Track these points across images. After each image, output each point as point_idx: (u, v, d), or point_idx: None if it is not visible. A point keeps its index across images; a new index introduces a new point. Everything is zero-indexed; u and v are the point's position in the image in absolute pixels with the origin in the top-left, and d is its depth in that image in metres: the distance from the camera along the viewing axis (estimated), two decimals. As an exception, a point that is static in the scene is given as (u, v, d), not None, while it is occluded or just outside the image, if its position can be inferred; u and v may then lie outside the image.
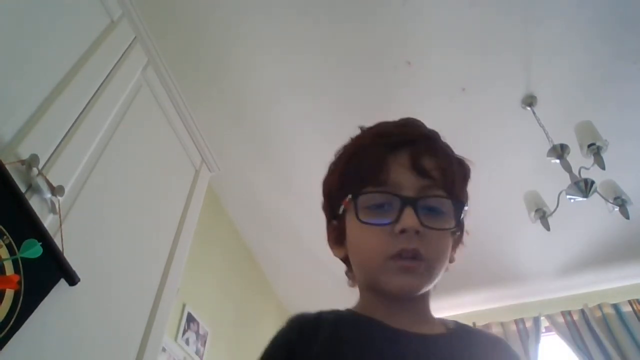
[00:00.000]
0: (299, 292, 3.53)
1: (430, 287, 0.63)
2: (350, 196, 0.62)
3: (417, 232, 0.57)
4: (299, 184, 2.79)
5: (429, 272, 0.60)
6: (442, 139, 0.70)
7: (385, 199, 0.60)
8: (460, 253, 0.72)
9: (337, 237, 0.68)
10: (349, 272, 0.69)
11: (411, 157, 0.62)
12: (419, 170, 0.61)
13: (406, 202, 0.58)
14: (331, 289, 3.65)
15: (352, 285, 0.69)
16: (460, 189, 0.68)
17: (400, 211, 0.58)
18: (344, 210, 0.64)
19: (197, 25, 2.10)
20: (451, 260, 0.68)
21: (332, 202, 0.68)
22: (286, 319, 0.66)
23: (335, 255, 0.70)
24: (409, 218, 0.57)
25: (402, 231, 0.57)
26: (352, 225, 0.63)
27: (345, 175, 0.66)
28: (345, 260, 0.69)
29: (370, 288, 0.64)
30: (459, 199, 0.65)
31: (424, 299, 0.66)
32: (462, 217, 0.65)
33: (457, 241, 0.70)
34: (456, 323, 0.68)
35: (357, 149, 0.68)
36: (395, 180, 0.61)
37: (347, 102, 2.40)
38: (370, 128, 0.71)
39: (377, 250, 0.59)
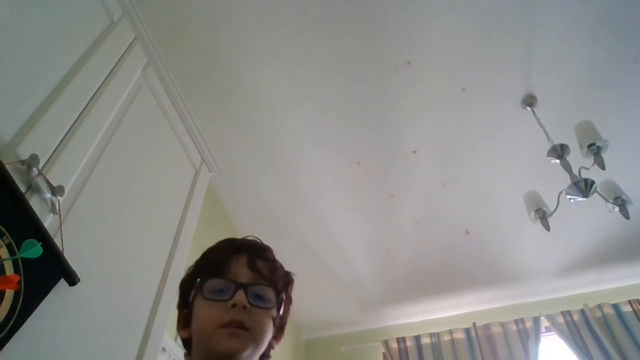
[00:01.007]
0: (299, 292, 3.52)
1: (254, 354, 0.76)
2: (199, 280, 0.79)
3: (244, 306, 0.74)
4: (300, 184, 2.79)
5: (252, 339, 0.74)
6: (271, 250, 0.89)
7: (225, 285, 0.77)
8: (278, 344, 0.87)
9: (184, 322, 0.83)
10: (187, 355, 0.82)
11: (249, 257, 0.82)
12: (252, 267, 0.81)
13: (239, 285, 0.76)
14: (332, 289, 3.66)
15: (187, 355, 0.83)
16: (282, 286, 0.85)
17: (234, 292, 0.75)
18: (194, 296, 0.80)
19: (197, 25, 2.10)
20: (271, 346, 0.84)
21: (185, 292, 0.84)
22: None
23: (181, 336, 0.84)
24: (239, 296, 0.74)
25: (234, 305, 0.74)
26: (198, 305, 0.78)
27: (199, 268, 0.85)
28: (187, 342, 0.82)
29: (204, 356, 0.76)
30: (280, 291, 0.82)
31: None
32: (281, 304, 0.81)
33: (278, 333, 0.86)
34: None
35: (211, 251, 0.89)
36: (234, 272, 0.79)
37: (347, 101, 2.40)
38: (223, 240, 0.91)
39: (213, 319, 0.74)
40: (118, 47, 1.41)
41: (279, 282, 0.84)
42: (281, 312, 0.83)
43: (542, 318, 3.27)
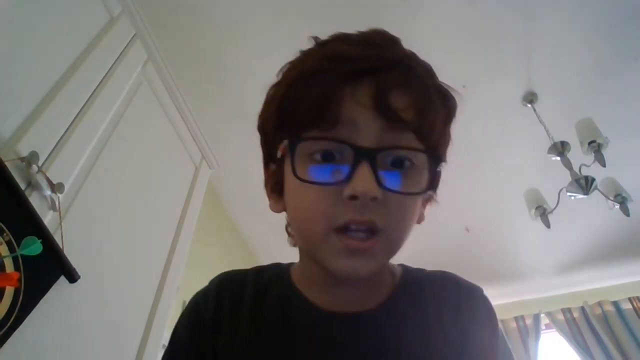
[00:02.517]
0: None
1: (389, 260, 0.53)
2: (286, 142, 0.47)
3: (374, 198, 0.43)
4: (299, 181, 2.79)
5: (387, 251, 0.48)
6: (423, 63, 0.54)
7: (335, 147, 0.45)
8: (430, 209, 0.59)
9: (274, 185, 0.54)
10: (289, 226, 0.56)
11: (376, 91, 0.45)
12: (384, 110, 0.45)
13: (361, 154, 0.43)
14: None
15: (293, 245, 0.57)
16: (440, 135, 0.51)
17: (353, 167, 0.43)
18: (283, 157, 0.49)
19: (197, 21, 2.09)
20: (420, 220, 0.55)
21: (269, 142, 0.53)
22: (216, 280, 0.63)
23: (272, 209, 0.55)
24: (363, 179, 0.43)
25: (353, 197, 0.43)
26: (290, 177, 0.47)
27: (284, 110, 0.50)
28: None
29: (311, 258, 0.52)
30: (437, 151, 0.50)
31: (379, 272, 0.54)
32: (438, 175, 0.52)
33: (430, 198, 0.58)
34: (403, 278, 0.59)
35: (302, 75, 0.50)
36: (350, 122, 0.45)
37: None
38: (324, 44, 0.53)
39: (319, 218, 0.46)
40: (118, 44, 1.40)
41: (435, 128, 0.49)
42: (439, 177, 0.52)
43: (542, 315, 3.27)
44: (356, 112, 0.45)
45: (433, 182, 0.51)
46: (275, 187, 0.53)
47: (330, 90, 0.45)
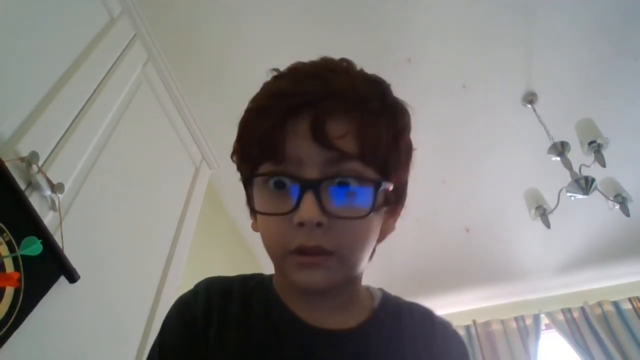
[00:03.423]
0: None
1: (350, 276, 0.54)
2: (243, 178, 0.54)
3: (319, 224, 0.47)
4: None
5: (340, 265, 0.50)
6: (367, 83, 0.54)
7: (280, 182, 0.49)
8: (399, 220, 0.61)
9: (251, 207, 0.57)
10: None
11: (312, 123, 0.47)
12: (321, 140, 0.47)
13: (305, 185, 0.47)
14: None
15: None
16: (388, 153, 0.52)
17: (300, 197, 0.47)
18: (246, 193, 0.55)
19: (198, 22, 2.09)
20: (388, 231, 0.59)
21: (239, 170, 0.58)
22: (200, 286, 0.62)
23: (252, 228, 0.59)
24: (307, 208, 0.46)
25: (301, 224, 0.47)
26: (256, 206, 0.53)
27: (241, 146, 0.56)
28: None
29: (283, 277, 0.56)
30: (382, 169, 0.51)
31: (347, 285, 0.57)
32: (385, 193, 0.52)
33: (396, 207, 0.59)
34: (383, 302, 0.62)
35: (252, 114, 0.54)
36: (294, 156, 0.48)
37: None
38: (274, 79, 0.57)
39: (276, 243, 0.51)
40: (118, 44, 1.40)
41: (379, 149, 0.50)
42: (390, 189, 0.53)
43: (542, 315, 3.27)
44: (299, 146, 0.48)
45: (388, 199, 0.54)
46: (253, 210, 0.57)
47: (274, 127, 0.49)
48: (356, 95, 0.51)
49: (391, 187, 0.53)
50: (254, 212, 0.56)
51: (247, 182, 0.53)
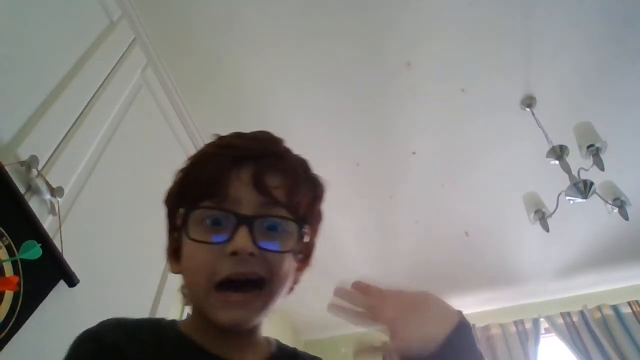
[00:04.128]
0: (296, 292, 3.52)
1: (267, 313, 0.59)
2: (182, 210, 0.57)
3: (251, 254, 0.53)
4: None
5: (266, 302, 0.56)
6: (296, 157, 0.66)
7: (220, 215, 0.55)
8: (304, 274, 0.68)
9: (174, 251, 0.62)
10: (184, 288, 0.63)
11: (254, 173, 0.57)
12: (260, 187, 0.56)
13: (241, 220, 0.54)
14: (331, 289, 3.66)
15: (187, 304, 0.64)
16: (306, 209, 0.62)
17: (235, 230, 0.53)
18: (181, 225, 0.58)
19: (197, 26, 2.09)
20: (296, 282, 0.65)
21: (171, 213, 0.63)
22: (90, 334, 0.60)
23: (171, 270, 0.64)
24: (242, 238, 0.52)
25: (234, 253, 0.53)
26: (185, 240, 0.57)
27: (184, 186, 0.62)
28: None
29: (200, 314, 0.59)
30: (303, 220, 0.60)
31: (258, 325, 0.62)
32: (303, 238, 0.60)
33: (304, 262, 0.67)
34: (279, 347, 0.67)
35: (200, 159, 0.63)
36: (234, 196, 0.56)
37: (346, 101, 2.40)
38: (220, 138, 0.66)
39: (204, 272, 0.55)
40: (117, 48, 1.41)
41: (301, 204, 0.60)
42: (305, 240, 0.61)
43: (541, 319, 3.27)
44: (239, 189, 0.56)
45: (303, 249, 0.62)
46: (174, 253, 0.62)
47: (220, 171, 0.57)
48: (289, 161, 0.63)
49: (307, 239, 0.61)
50: (174, 254, 0.62)
51: (185, 216, 0.56)
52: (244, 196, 0.56)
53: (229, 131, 0.68)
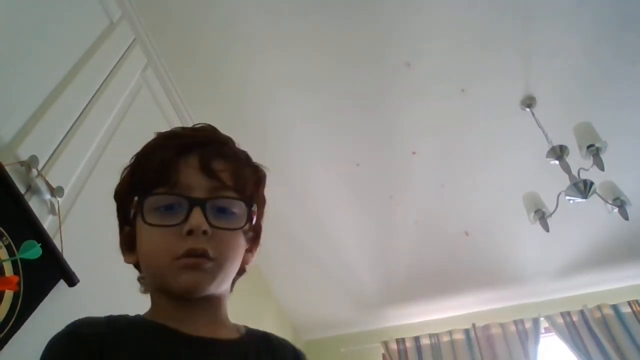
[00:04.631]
0: (297, 292, 3.53)
1: (221, 287, 0.63)
2: (137, 198, 0.60)
3: (204, 232, 0.57)
4: (297, 183, 2.79)
5: (217, 270, 0.59)
6: (237, 145, 0.70)
7: (174, 200, 0.59)
8: (256, 256, 0.72)
9: (128, 243, 0.66)
10: (141, 278, 0.68)
11: (201, 159, 0.62)
12: (208, 172, 0.61)
13: (194, 202, 0.58)
14: (331, 290, 3.66)
15: (144, 292, 0.68)
16: (252, 191, 0.67)
17: (189, 212, 0.58)
18: (135, 214, 0.62)
19: (197, 26, 2.10)
20: (247, 262, 0.69)
21: (123, 206, 0.67)
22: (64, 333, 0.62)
23: (127, 261, 0.68)
24: (196, 218, 0.57)
25: (190, 232, 0.57)
26: (141, 228, 0.61)
27: (134, 177, 0.66)
28: (137, 266, 0.67)
29: (159, 291, 0.63)
30: (250, 200, 0.65)
31: (218, 302, 0.65)
32: (253, 217, 0.65)
33: (253, 243, 0.71)
34: (248, 329, 0.69)
35: (147, 151, 0.67)
36: (184, 182, 0.60)
37: (346, 102, 2.40)
38: (164, 132, 0.70)
39: (164, 253, 0.58)
40: (117, 49, 1.41)
41: (247, 186, 0.65)
42: (254, 221, 0.66)
43: (541, 319, 3.27)
44: (189, 175, 0.60)
45: (250, 224, 0.65)
46: (128, 245, 0.65)
47: (169, 159, 0.61)
48: (232, 147, 0.68)
49: (254, 220, 0.66)
50: (128, 246, 0.65)
51: (139, 204, 0.60)
52: (193, 181, 0.60)
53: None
